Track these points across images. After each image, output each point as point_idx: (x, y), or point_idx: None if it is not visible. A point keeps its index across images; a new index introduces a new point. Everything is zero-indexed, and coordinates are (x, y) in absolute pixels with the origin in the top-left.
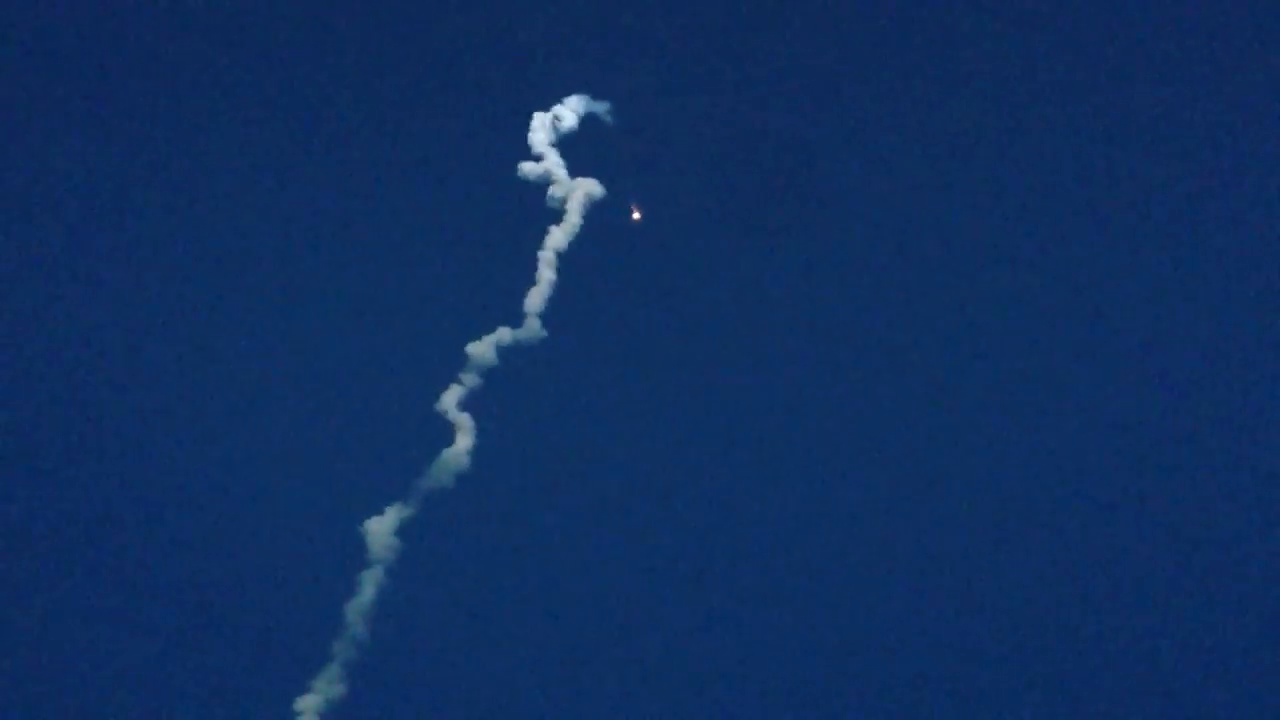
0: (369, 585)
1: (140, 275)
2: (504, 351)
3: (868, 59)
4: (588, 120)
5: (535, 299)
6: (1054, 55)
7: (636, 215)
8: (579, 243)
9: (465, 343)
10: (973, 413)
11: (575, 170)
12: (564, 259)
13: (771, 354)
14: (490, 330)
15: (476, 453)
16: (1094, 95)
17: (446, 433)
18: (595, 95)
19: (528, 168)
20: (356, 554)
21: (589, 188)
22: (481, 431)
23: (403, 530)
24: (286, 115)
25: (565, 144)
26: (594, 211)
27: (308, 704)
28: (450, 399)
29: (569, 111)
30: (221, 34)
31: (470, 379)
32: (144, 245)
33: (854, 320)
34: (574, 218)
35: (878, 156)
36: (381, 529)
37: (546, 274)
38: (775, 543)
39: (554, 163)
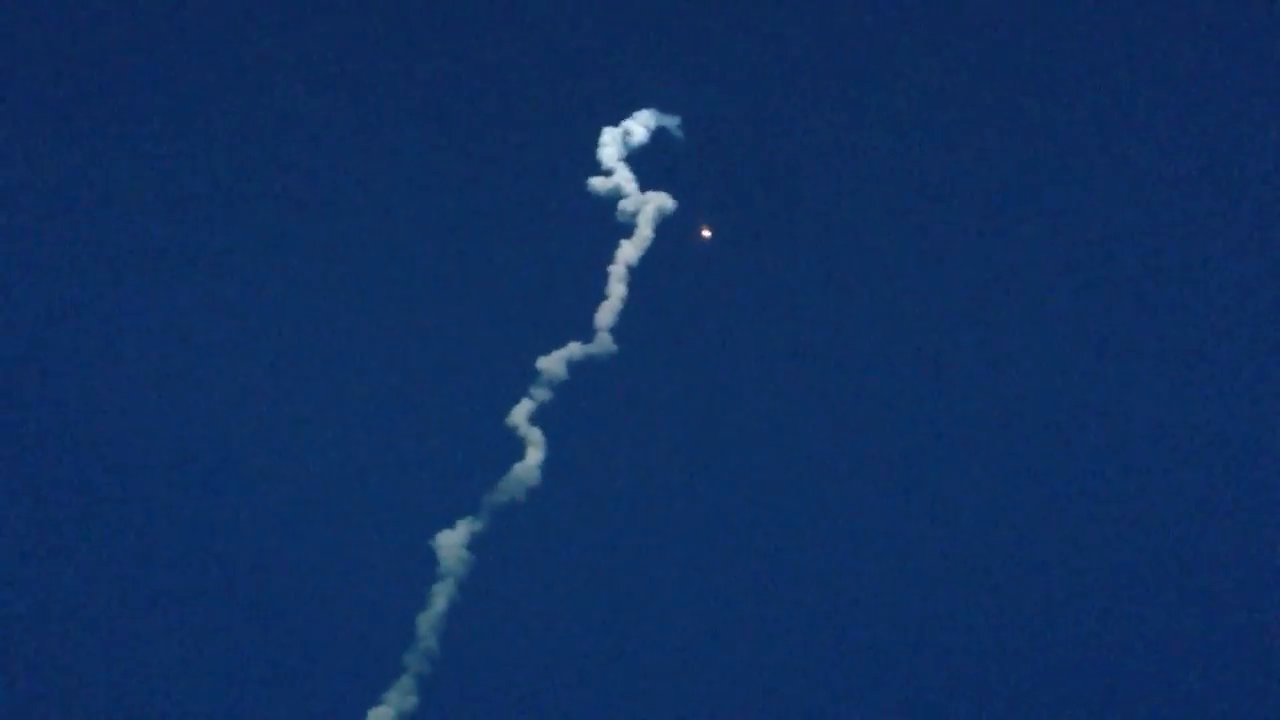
0: (440, 598)
1: (207, 287)
2: (574, 366)
3: (921, 68)
4: (658, 134)
5: (606, 314)
6: (1050, 59)
7: (706, 234)
8: (650, 257)
9: (536, 357)
10: (988, 417)
11: (645, 185)
12: (635, 273)
13: (845, 368)
14: (561, 345)
15: (547, 467)
16: (1089, 98)
17: (517, 447)
18: (665, 109)
19: (598, 182)
20: (428, 567)
21: (660, 202)
22: (552, 446)
23: (473, 544)
24: (362, 128)
25: (635, 158)
26: (665, 225)
27: (381, 715)
28: (521, 413)
29: (639, 126)
30: (284, 47)
31: (541, 393)
32: (210, 255)
33: (916, 333)
34: (645, 231)
35: (953, 166)
36: (452, 542)
37: (617, 288)
38: (847, 557)
39: (624, 177)
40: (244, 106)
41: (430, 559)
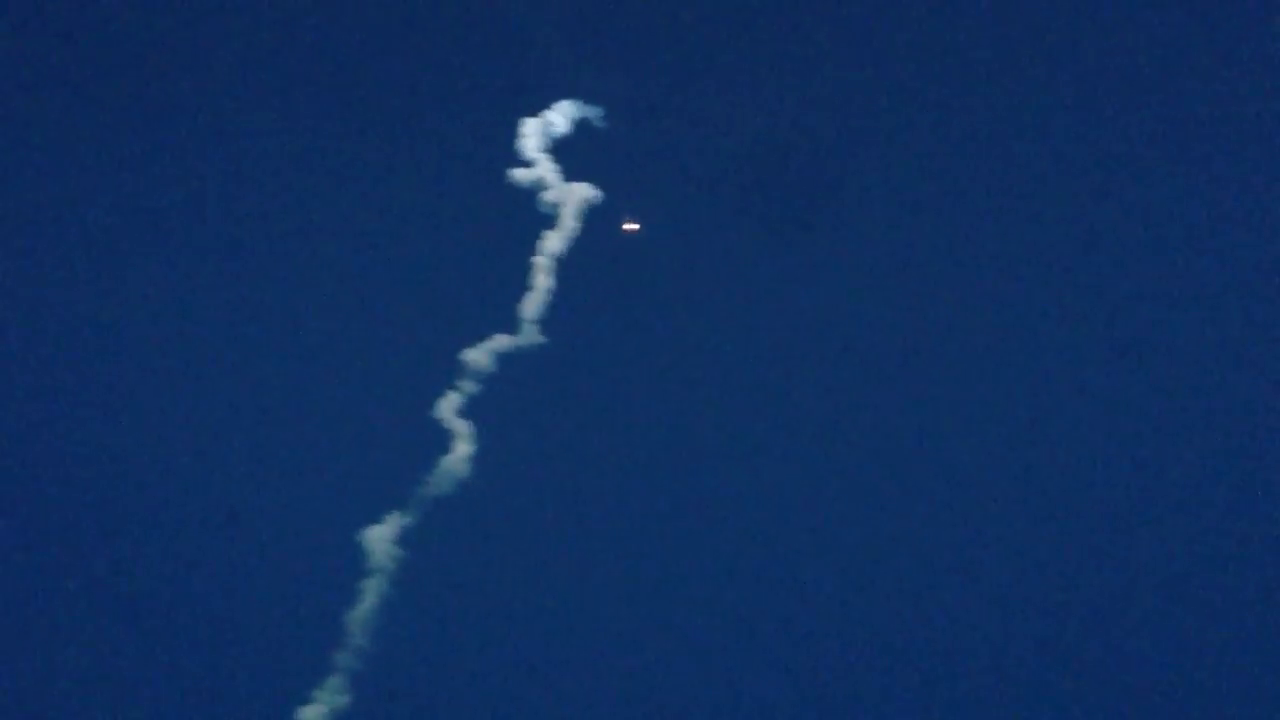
0: (370, 594)
1: (130, 281)
2: (502, 358)
3: (865, 58)
4: (580, 126)
5: (532, 305)
6: (1063, 54)
7: (632, 227)
8: (575, 248)
9: (461, 350)
10: (986, 415)
11: (568, 177)
12: (560, 265)
13: (773, 358)
14: (487, 337)
15: (476, 460)
16: (1105, 95)
17: (445, 440)
18: (587, 100)
19: (519, 174)
20: (357, 563)
21: (584, 193)
22: (480, 438)
23: (403, 538)
24: (268, 123)
25: (557, 150)
26: (590, 217)
27: (311, 714)
28: (448, 406)
29: (560, 117)
30: (199, 35)
31: (468, 386)
32: (131, 250)
33: (855, 324)
34: (569, 223)
35: (878, 157)
36: (382, 537)
37: (543, 280)
38: (782, 549)
39: (546, 169)
40: (144, 95)
41: (360, 555)
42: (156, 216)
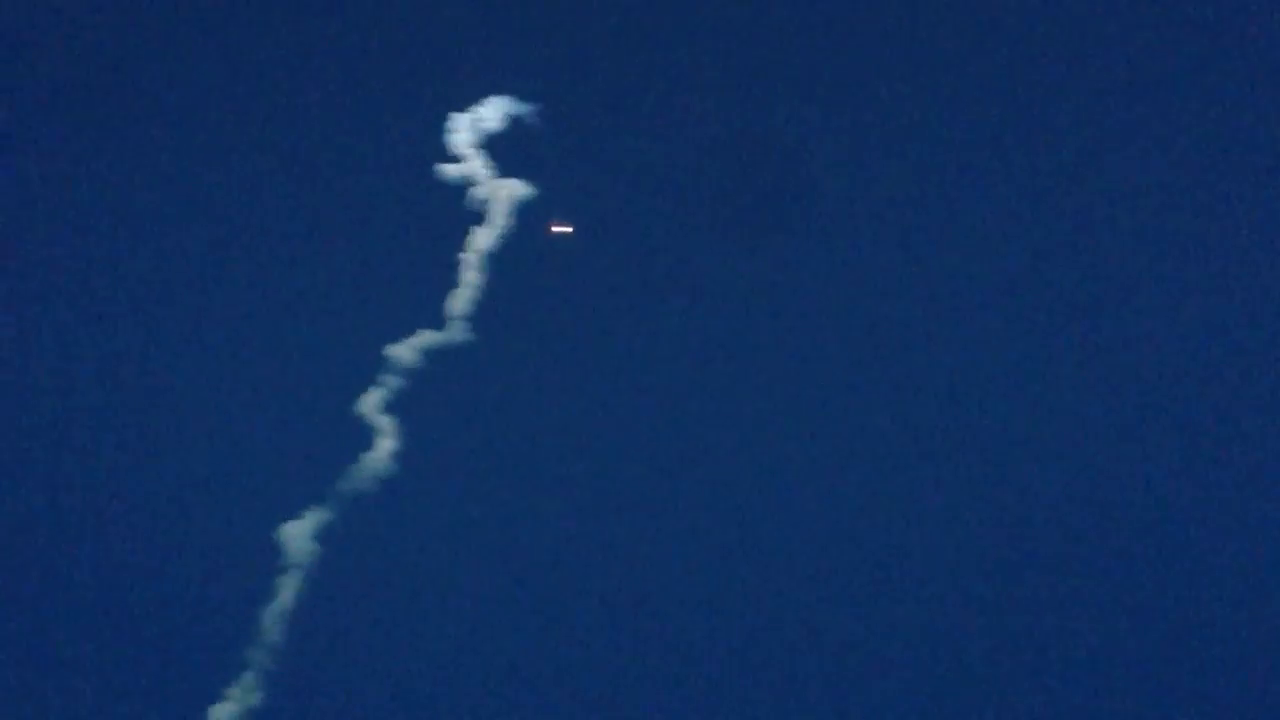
0: (286, 591)
1: (54, 272)
2: (427, 354)
3: (810, 51)
4: (511, 122)
5: (459, 301)
6: (1040, 55)
7: (561, 229)
8: (503, 245)
9: (387, 345)
10: (957, 417)
11: (499, 173)
12: (488, 261)
13: (704, 356)
14: (413, 333)
15: (398, 456)
16: (1083, 96)
17: (367, 436)
18: (520, 97)
19: (449, 169)
20: (273, 559)
21: (514, 189)
22: (404, 435)
23: (321, 535)
24: (196, 118)
25: (488, 147)
26: (520, 213)
27: (223, 712)
28: (371, 402)
29: (492, 112)
30: (134, 34)
31: (391, 382)
32: (59, 242)
33: (787, 319)
34: (498, 219)
35: (823, 154)
36: (299, 533)
37: (470, 276)
38: (713, 549)
39: (476, 164)
40: (79, 94)
41: (275, 551)
42: (90, 210)
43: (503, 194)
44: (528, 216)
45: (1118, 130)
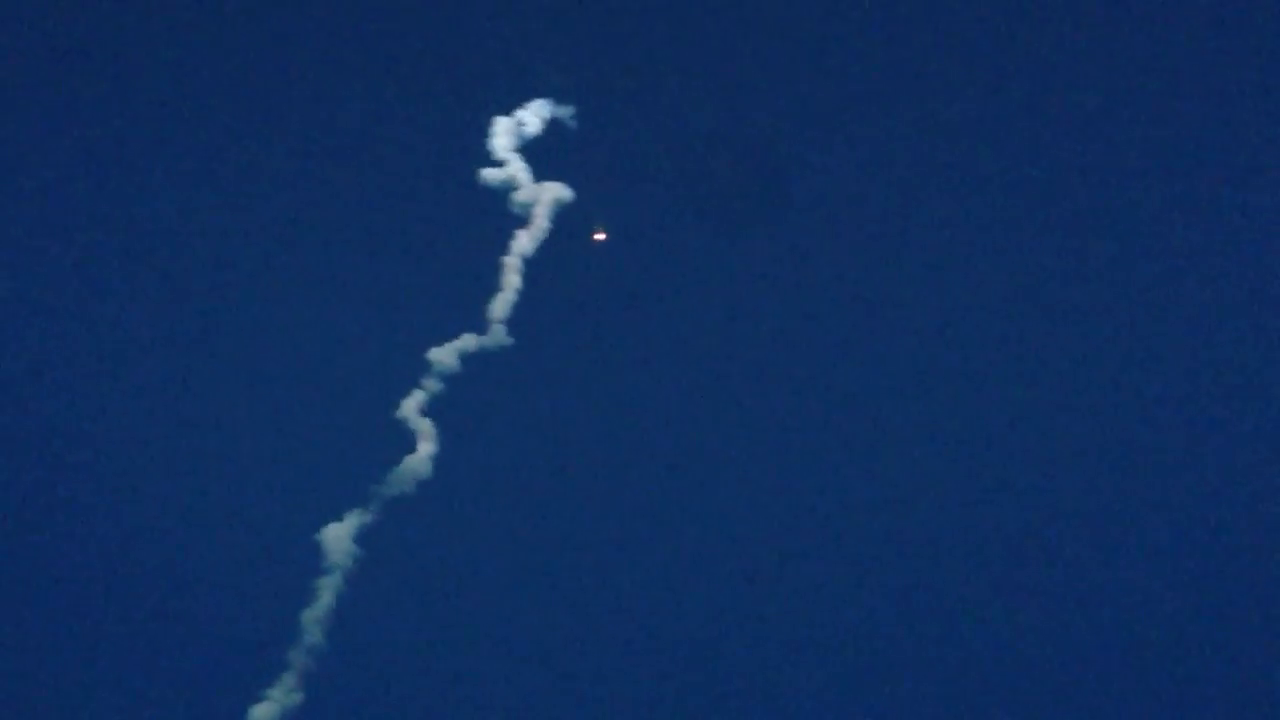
0: (326, 593)
1: (96, 276)
2: (468, 358)
3: (835, 55)
4: (551, 125)
5: (500, 306)
6: (1025, 52)
7: (601, 236)
8: (546, 248)
9: (427, 349)
10: (951, 411)
11: (539, 176)
12: (530, 265)
13: (743, 359)
14: (454, 337)
15: (438, 460)
16: (1069, 92)
17: (408, 439)
18: (559, 100)
19: (489, 174)
20: (314, 561)
21: (556, 192)
22: (444, 438)
23: (362, 537)
24: (238, 121)
25: (528, 149)
26: (562, 217)
27: (263, 712)
28: (412, 405)
29: (532, 116)
30: (170, 37)
31: (432, 385)
32: (97, 245)
33: (827, 323)
34: (541, 222)
35: (848, 156)
36: (340, 535)
37: (512, 280)
38: (747, 550)
39: (517, 168)
40: (118, 95)
41: (316, 553)
42: (125, 216)
43: (545, 197)
44: (569, 220)
45: (1112, 126)
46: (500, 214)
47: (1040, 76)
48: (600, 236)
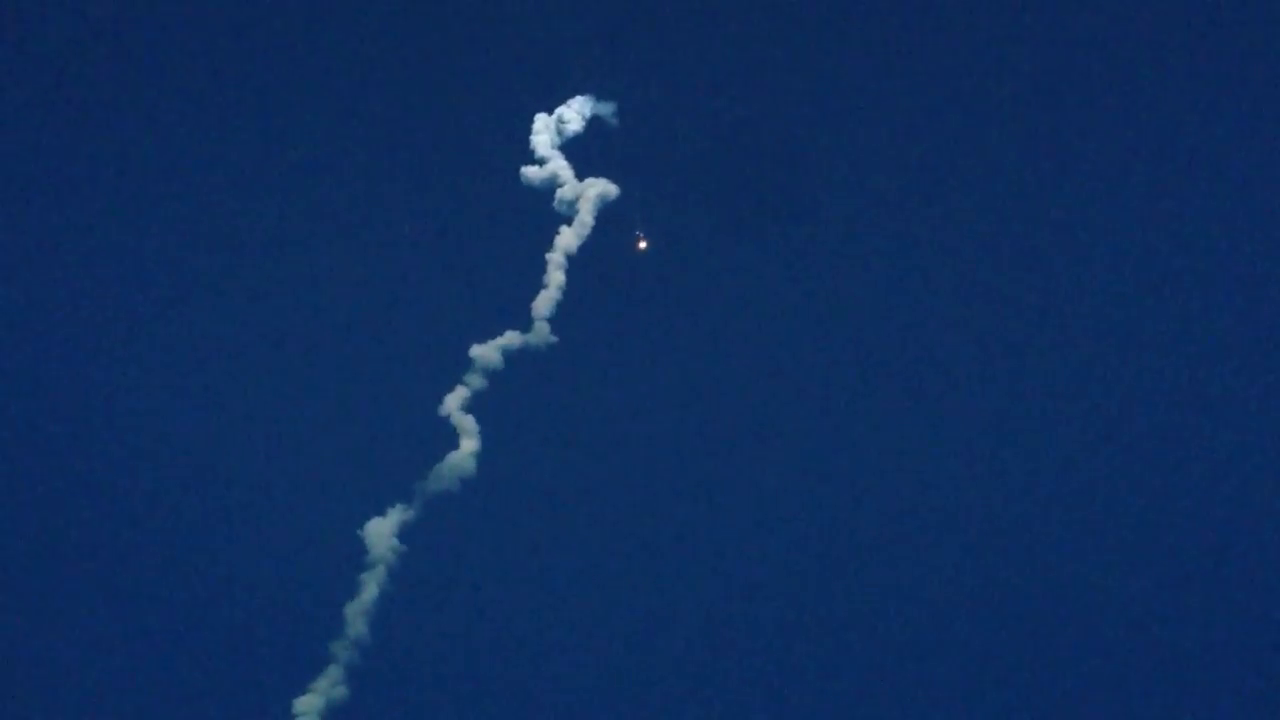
0: (370, 586)
1: (143, 276)
2: (510, 355)
3: (870, 52)
4: (593, 123)
5: (544, 303)
6: (1037, 54)
7: (643, 245)
8: (589, 246)
9: (470, 345)
10: (978, 412)
11: (581, 173)
12: (574, 262)
13: (788, 359)
14: (498, 334)
15: (481, 456)
16: (1078, 95)
17: (450, 435)
18: (600, 97)
19: (531, 171)
20: (358, 555)
21: (601, 188)
22: (486, 435)
23: (404, 532)
24: (286, 120)
25: (569, 147)
26: (604, 213)
27: (307, 704)
28: (454, 401)
29: (574, 113)
30: (218, 36)
31: (476, 381)
32: (148, 246)
33: (869, 323)
34: (586, 219)
35: (886, 153)
36: (383, 530)
37: (556, 277)
38: (790, 548)
39: (559, 165)
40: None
41: (360, 547)
42: (173, 210)
43: (591, 192)
44: (612, 217)
45: (1116, 128)
46: (543, 211)
47: (1065, 83)
48: (643, 245)
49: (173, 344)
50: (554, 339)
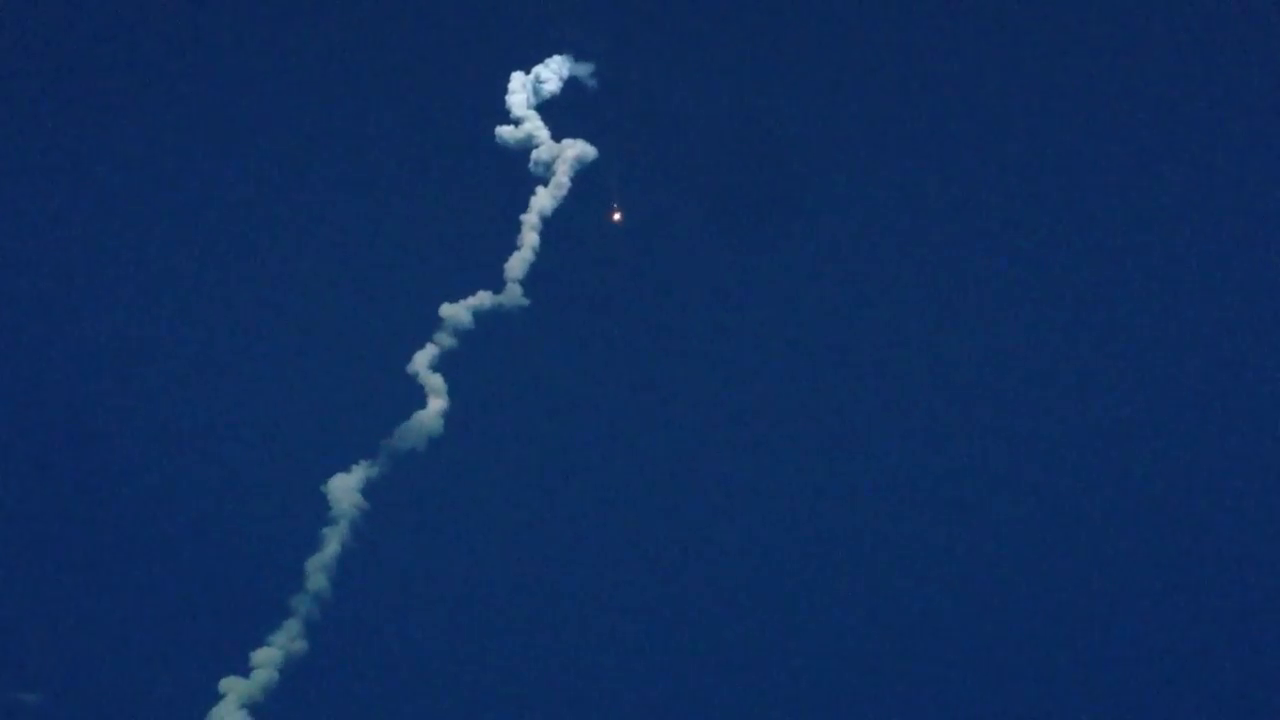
0: (332, 542)
1: (112, 231)
2: (481, 316)
3: (852, 21)
4: (570, 83)
5: (517, 264)
6: (1034, 56)
7: (617, 216)
8: (566, 209)
9: (440, 304)
10: (957, 409)
11: (558, 134)
12: (549, 225)
13: (754, 330)
14: (469, 294)
15: (449, 416)
16: (1075, 97)
17: (418, 393)
18: (578, 57)
19: (506, 131)
20: (321, 510)
21: (579, 150)
22: (454, 395)
23: (368, 489)
24: (257, 76)
25: (546, 107)
26: (580, 175)
27: (265, 657)
28: (423, 360)
29: (551, 73)
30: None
31: (445, 340)
32: (120, 204)
33: (843, 290)
34: (563, 180)
35: (868, 121)
36: (347, 486)
37: (530, 238)
38: (758, 510)
39: (536, 125)
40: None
41: (323, 502)
42: (139, 175)
43: (569, 153)
44: (589, 180)
45: (1115, 128)
46: (518, 172)
47: (1061, 84)
48: (618, 217)
49: (140, 299)
50: (526, 301)
